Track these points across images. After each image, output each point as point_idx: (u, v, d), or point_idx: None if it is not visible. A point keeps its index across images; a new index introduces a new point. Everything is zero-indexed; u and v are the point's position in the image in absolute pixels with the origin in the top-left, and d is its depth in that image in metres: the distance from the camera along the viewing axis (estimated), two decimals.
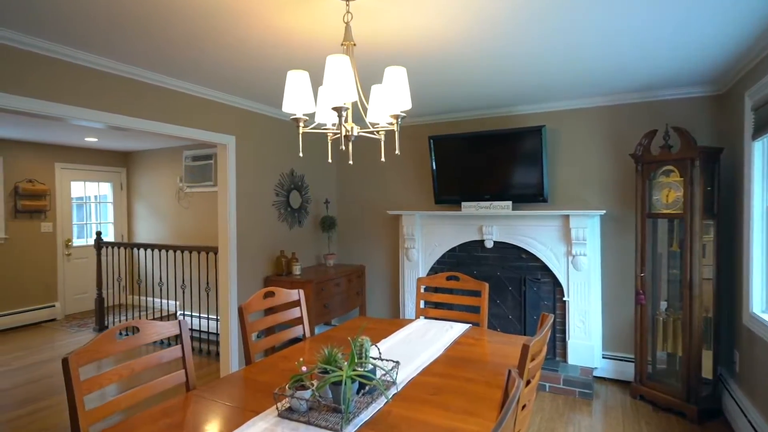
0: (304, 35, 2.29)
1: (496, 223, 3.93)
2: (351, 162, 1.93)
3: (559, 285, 3.71)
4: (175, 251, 4.53)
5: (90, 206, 6.44)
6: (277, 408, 1.46)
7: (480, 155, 3.97)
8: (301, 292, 2.39)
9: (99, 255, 5.00)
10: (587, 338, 3.57)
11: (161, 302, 5.38)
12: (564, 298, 3.67)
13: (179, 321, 1.75)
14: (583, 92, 3.49)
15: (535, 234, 3.76)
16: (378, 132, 2.00)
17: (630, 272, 3.58)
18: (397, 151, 1.77)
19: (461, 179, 4.09)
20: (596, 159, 3.72)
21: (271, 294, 2.26)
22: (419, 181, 4.52)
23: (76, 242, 6.15)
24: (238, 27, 2.19)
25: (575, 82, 3.19)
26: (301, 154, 1.72)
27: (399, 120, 1.73)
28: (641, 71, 2.95)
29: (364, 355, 1.62)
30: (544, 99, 3.70)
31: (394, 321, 2.63)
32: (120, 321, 5.35)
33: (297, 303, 2.38)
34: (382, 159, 1.87)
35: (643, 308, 3.24)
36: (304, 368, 1.49)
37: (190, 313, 4.90)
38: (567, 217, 3.60)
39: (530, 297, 3.81)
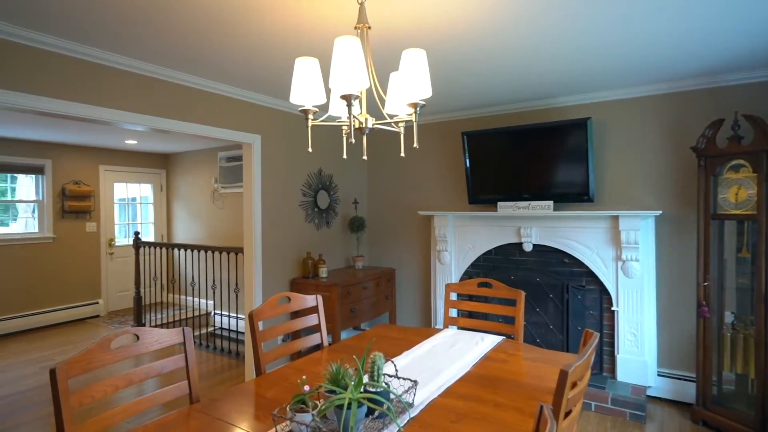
0: (321, 25, 2.14)
1: (535, 224, 3.63)
2: (365, 157, 1.76)
3: (607, 293, 3.37)
4: (206, 251, 4.54)
5: (135, 206, 6.65)
6: (276, 431, 1.31)
7: (518, 151, 3.69)
8: (319, 298, 2.24)
9: (137, 254, 5.11)
10: (640, 353, 3.20)
11: (194, 301, 5.44)
12: (612, 308, 3.32)
13: (183, 329, 1.64)
14: (634, 80, 3.13)
15: (580, 237, 3.44)
16: (397, 124, 1.81)
17: (690, 280, 3.18)
18: (415, 144, 1.58)
19: (497, 178, 3.81)
20: (650, 154, 3.34)
21: (286, 299, 2.13)
22: (452, 180, 4.28)
23: (119, 242, 6.36)
24: (253, 19, 2.07)
25: (625, 68, 2.86)
26: (310, 150, 1.57)
27: (418, 109, 1.54)
28: (705, 54, 2.58)
29: (376, 373, 1.44)
30: (588, 88, 3.37)
31: (420, 330, 2.43)
32: (157, 319, 5.47)
33: (315, 309, 2.24)
34: (402, 154, 1.68)
35: (706, 321, 2.86)
36: (306, 387, 1.33)
37: (220, 312, 4.91)
38: (616, 218, 3.25)
39: (574, 305, 3.49)
